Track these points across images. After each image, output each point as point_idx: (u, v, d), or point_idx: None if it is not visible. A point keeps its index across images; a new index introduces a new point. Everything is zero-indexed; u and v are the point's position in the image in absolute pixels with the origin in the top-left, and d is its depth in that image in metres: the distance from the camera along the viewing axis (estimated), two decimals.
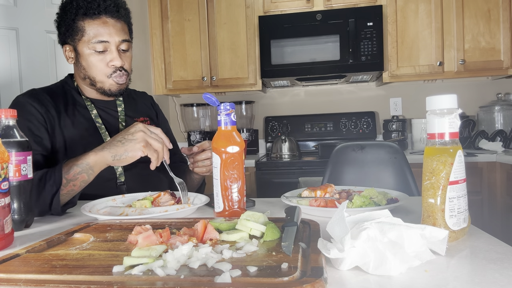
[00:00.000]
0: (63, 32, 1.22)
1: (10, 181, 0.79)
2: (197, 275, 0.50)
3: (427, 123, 0.67)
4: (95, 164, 0.99)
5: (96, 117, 1.27)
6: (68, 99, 1.26)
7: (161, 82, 2.93)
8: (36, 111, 1.17)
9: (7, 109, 0.83)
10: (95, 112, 1.27)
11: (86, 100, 1.28)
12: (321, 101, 3.11)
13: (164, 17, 2.88)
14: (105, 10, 1.18)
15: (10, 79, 2.11)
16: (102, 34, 1.17)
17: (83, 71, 1.22)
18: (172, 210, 0.93)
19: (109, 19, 1.19)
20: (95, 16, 1.17)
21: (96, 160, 0.98)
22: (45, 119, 1.18)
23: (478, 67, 2.57)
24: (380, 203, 0.88)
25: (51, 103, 1.21)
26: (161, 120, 1.50)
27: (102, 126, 1.26)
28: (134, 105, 1.40)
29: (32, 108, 1.17)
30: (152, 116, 1.45)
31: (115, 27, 1.19)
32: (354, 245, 0.52)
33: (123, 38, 1.21)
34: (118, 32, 1.20)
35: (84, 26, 1.17)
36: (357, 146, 1.80)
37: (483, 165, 2.31)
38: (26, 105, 1.17)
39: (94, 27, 1.17)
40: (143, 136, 0.97)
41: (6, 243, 0.72)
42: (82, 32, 1.18)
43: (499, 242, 0.65)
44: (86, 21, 1.17)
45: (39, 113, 1.17)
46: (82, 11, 1.17)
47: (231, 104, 0.88)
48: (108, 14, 1.18)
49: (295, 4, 2.73)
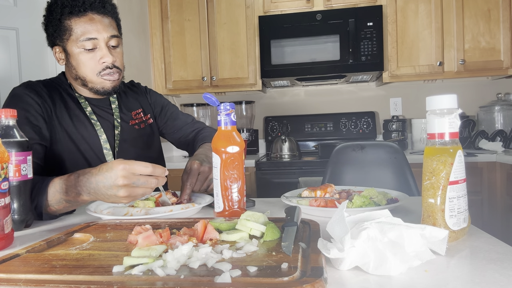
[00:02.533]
0: (51, 34, 1.20)
1: (10, 181, 0.79)
2: (197, 275, 0.50)
3: (427, 123, 0.67)
4: (85, 202, 0.93)
5: (91, 114, 1.26)
6: (63, 93, 1.25)
7: (161, 82, 2.93)
8: (33, 101, 1.16)
9: (7, 109, 0.83)
10: (89, 109, 1.26)
11: (80, 98, 1.27)
12: (321, 101, 3.11)
13: (164, 17, 2.88)
14: (91, 6, 1.15)
15: (10, 79, 2.11)
16: (89, 31, 1.15)
17: (74, 71, 1.21)
18: (177, 209, 0.93)
19: (96, 16, 1.16)
20: (81, 14, 1.15)
21: (86, 200, 0.91)
22: (42, 109, 1.17)
23: (478, 67, 2.57)
24: (380, 203, 0.88)
25: (47, 94, 1.21)
26: (154, 100, 1.46)
27: (97, 123, 1.25)
28: (126, 99, 1.38)
29: (29, 99, 1.16)
30: (145, 104, 1.43)
31: (103, 23, 1.17)
32: (354, 245, 0.52)
33: (112, 33, 1.18)
34: (106, 28, 1.17)
35: (71, 24, 1.15)
36: (357, 146, 1.80)
37: (483, 165, 2.31)
38: (23, 95, 1.16)
39: (81, 24, 1.15)
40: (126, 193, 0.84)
41: (6, 243, 0.72)
42: (69, 31, 1.16)
43: (499, 242, 0.65)
44: (73, 20, 1.15)
45: (36, 103, 1.16)
46: (67, 10, 1.15)
47: (231, 104, 0.88)
48: (94, 11, 1.16)
49: (295, 4, 2.73)
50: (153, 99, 1.46)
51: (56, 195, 0.92)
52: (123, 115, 1.33)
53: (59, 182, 0.92)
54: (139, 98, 1.42)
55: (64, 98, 1.24)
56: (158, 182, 0.85)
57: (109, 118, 1.30)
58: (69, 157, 1.20)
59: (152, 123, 1.41)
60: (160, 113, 1.46)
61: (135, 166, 0.82)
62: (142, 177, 0.83)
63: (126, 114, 1.34)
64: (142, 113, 1.39)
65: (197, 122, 1.49)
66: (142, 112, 1.39)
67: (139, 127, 1.35)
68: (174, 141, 1.49)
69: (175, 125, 1.46)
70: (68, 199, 0.91)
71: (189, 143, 1.44)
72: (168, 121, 1.46)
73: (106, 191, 0.84)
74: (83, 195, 0.89)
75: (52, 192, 0.92)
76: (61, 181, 0.92)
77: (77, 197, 0.90)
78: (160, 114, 1.46)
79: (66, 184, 0.90)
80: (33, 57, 2.20)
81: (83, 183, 0.88)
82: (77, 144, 1.21)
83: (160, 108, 1.46)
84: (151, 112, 1.43)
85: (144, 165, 0.83)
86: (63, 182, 0.91)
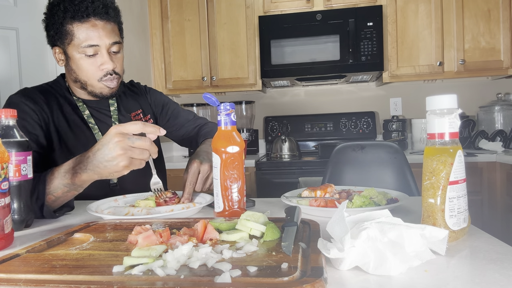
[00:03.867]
0: (52, 35, 1.19)
1: (10, 181, 0.79)
2: (197, 275, 0.50)
3: (427, 123, 0.67)
4: (83, 183, 0.93)
5: (89, 117, 1.26)
6: (60, 98, 1.25)
7: (161, 82, 2.93)
8: (30, 110, 1.16)
9: (7, 109, 0.83)
10: (87, 112, 1.26)
11: (78, 101, 1.26)
12: (321, 101, 3.11)
13: (164, 17, 2.89)
14: (94, 12, 1.13)
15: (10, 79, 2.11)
16: (92, 37, 1.13)
17: (73, 74, 1.20)
18: (177, 209, 0.93)
19: (98, 22, 1.14)
20: (83, 19, 1.12)
21: (84, 180, 0.92)
22: (39, 117, 1.17)
23: (478, 67, 2.57)
24: (380, 203, 0.88)
25: (44, 101, 1.20)
26: (154, 99, 1.46)
27: (95, 126, 1.25)
28: (126, 100, 1.38)
29: (25, 107, 1.16)
30: (145, 104, 1.42)
31: (105, 30, 1.15)
32: (354, 245, 0.52)
33: (114, 40, 1.17)
34: (108, 34, 1.15)
35: (73, 29, 1.13)
36: (357, 146, 1.80)
37: (483, 165, 2.31)
38: (19, 104, 1.16)
39: (83, 30, 1.13)
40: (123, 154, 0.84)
41: (6, 243, 0.72)
42: (71, 36, 1.14)
43: (499, 242, 0.65)
44: (75, 25, 1.13)
45: (33, 111, 1.17)
46: (69, 14, 1.12)
47: (231, 104, 0.88)
48: (97, 16, 1.14)
49: (295, 4, 2.73)
50: (153, 98, 1.46)
51: (54, 181, 0.93)
52: (122, 117, 1.33)
53: (57, 169, 0.94)
54: (138, 99, 1.42)
55: (61, 104, 1.24)
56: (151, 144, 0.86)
57: (107, 121, 1.29)
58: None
59: (152, 124, 1.41)
60: (161, 112, 1.45)
61: (126, 125, 0.85)
62: (136, 136, 0.85)
63: (124, 116, 1.33)
64: (141, 114, 1.38)
65: (199, 118, 1.48)
66: (142, 113, 1.39)
67: None
68: (177, 139, 1.49)
69: (177, 123, 1.45)
70: (66, 182, 0.92)
71: (192, 139, 1.44)
72: (170, 119, 1.45)
73: (103, 157, 0.85)
74: (81, 173, 0.89)
75: (50, 179, 0.93)
76: (60, 167, 0.94)
77: (74, 178, 0.91)
78: (161, 113, 1.45)
79: (65, 169, 0.92)
80: (33, 57, 2.20)
81: (81, 162, 0.89)
82: (73, 152, 1.20)
83: (161, 107, 1.45)
84: (151, 112, 1.43)
85: (134, 123, 0.86)
86: (62, 167, 0.93)
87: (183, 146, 1.51)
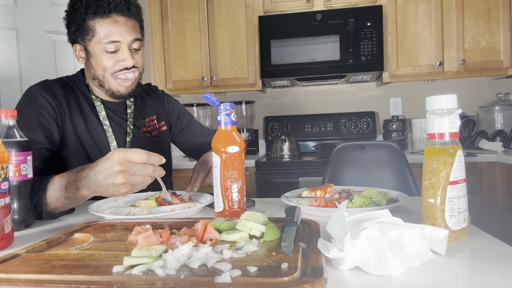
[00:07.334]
0: (73, 32, 1.18)
1: (10, 181, 0.79)
2: (197, 275, 0.50)
3: (427, 123, 0.67)
4: (85, 197, 0.93)
5: (104, 119, 1.25)
6: (79, 95, 1.24)
7: (161, 82, 2.93)
8: (48, 104, 1.15)
9: (7, 109, 0.83)
10: (103, 113, 1.25)
11: (96, 100, 1.25)
12: (321, 101, 3.11)
13: (164, 17, 2.88)
14: (116, 8, 1.13)
15: (10, 79, 2.11)
16: (113, 33, 1.13)
17: (92, 71, 1.19)
18: (179, 209, 0.93)
19: (120, 18, 1.14)
20: (105, 15, 1.12)
21: (86, 195, 0.91)
22: (56, 113, 1.16)
23: (478, 67, 2.57)
24: (380, 203, 0.88)
25: (63, 97, 1.20)
26: (171, 107, 1.46)
27: (109, 129, 1.24)
28: (142, 105, 1.37)
29: (44, 101, 1.15)
30: (160, 111, 1.41)
31: (127, 26, 1.14)
32: (354, 245, 0.52)
33: (135, 37, 1.16)
34: (129, 31, 1.15)
35: (94, 25, 1.13)
36: (357, 146, 1.80)
37: (483, 165, 2.31)
38: (38, 96, 1.15)
39: (105, 26, 1.13)
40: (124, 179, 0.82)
41: (6, 243, 0.72)
42: (92, 32, 1.14)
43: (499, 242, 0.65)
44: (97, 20, 1.13)
45: (51, 106, 1.15)
46: (91, 10, 1.12)
47: (231, 104, 0.88)
48: (119, 12, 1.13)
49: (295, 4, 2.73)
50: (170, 106, 1.46)
51: (55, 192, 0.92)
52: (136, 122, 1.32)
53: (59, 180, 0.92)
54: (154, 104, 1.41)
55: (80, 101, 1.23)
56: (155, 170, 0.84)
57: (122, 124, 1.29)
58: (78, 163, 1.18)
59: (165, 131, 1.41)
60: (176, 121, 1.46)
61: (129, 153, 0.81)
62: (139, 164, 0.82)
63: (139, 121, 1.33)
64: (156, 120, 1.38)
65: (212, 133, 1.48)
66: (156, 119, 1.38)
67: (150, 135, 1.34)
68: (186, 149, 1.50)
69: (191, 134, 1.46)
70: (67, 195, 0.91)
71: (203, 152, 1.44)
72: (184, 130, 1.46)
73: (104, 181, 0.83)
74: (82, 189, 0.88)
75: (52, 190, 0.92)
76: (61, 178, 0.92)
77: (76, 193, 0.89)
78: (176, 122, 1.46)
79: (66, 181, 0.91)
80: (33, 57, 2.20)
81: (82, 178, 0.88)
82: (87, 149, 1.21)
83: (177, 116, 1.46)
84: (166, 119, 1.42)
85: (138, 153, 0.82)
86: (63, 179, 0.91)
87: (191, 156, 1.51)
